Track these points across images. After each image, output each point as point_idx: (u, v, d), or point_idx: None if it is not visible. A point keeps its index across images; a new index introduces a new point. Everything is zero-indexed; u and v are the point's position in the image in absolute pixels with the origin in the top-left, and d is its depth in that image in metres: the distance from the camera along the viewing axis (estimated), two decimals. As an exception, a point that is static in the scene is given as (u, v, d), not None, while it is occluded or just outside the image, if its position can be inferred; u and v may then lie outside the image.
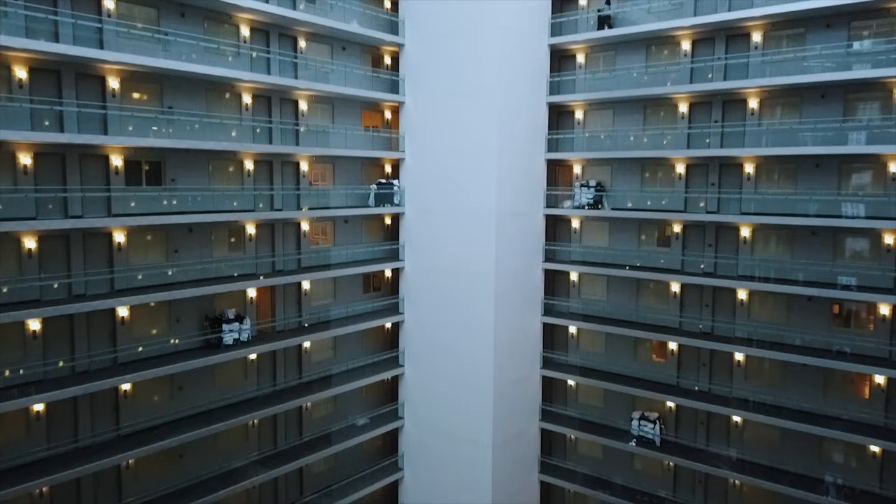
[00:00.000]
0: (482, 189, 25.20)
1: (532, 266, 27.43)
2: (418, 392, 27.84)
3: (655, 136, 25.73)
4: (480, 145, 25.15)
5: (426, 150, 26.97)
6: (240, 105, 23.10)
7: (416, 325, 27.82)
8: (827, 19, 21.85)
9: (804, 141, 22.38)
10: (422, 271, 27.48)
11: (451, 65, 25.80)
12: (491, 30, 24.70)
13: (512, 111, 25.57)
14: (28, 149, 17.88)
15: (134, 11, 20.06)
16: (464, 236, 25.77)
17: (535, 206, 27.38)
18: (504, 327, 25.70)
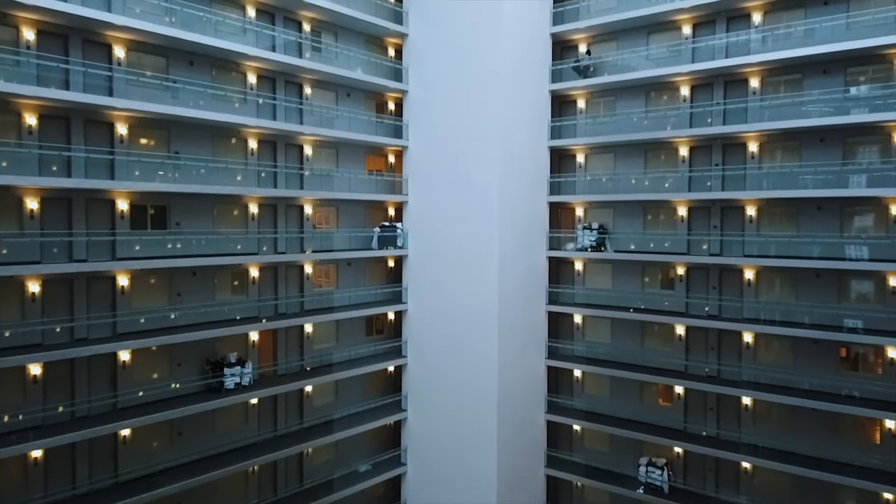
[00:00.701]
0: (485, 232, 25.30)
1: (535, 309, 27.32)
2: (421, 437, 27.41)
3: (657, 179, 25.92)
4: (483, 189, 25.36)
5: (429, 193, 27.20)
6: (245, 150, 23.42)
7: (419, 368, 27.58)
8: (823, 65, 22.22)
9: (805, 184, 22.51)
10: (425, 314, 27.38)
11: (453, 111, 26.22)
12: (493, 77, 25.15)
13: (514, 155, 25.85)
14: (35, 193, 18.09)
15: (144, 60, 20.53)
16: (467, 279, 25.76)
17: (537, 248, 27.43)
18: (508, 371, 25.46)
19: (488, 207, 25.24)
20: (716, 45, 24.19)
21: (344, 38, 26.34)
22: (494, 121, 25.15)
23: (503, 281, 25.24)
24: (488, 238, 25.21)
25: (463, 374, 25.84)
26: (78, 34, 18.82)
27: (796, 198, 22.55)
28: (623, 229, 26.76)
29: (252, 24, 23.05)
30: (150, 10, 20.25)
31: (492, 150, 25.19)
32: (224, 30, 22.18)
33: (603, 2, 26.82)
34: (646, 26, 25.80)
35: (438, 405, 26.74)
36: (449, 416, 26.32)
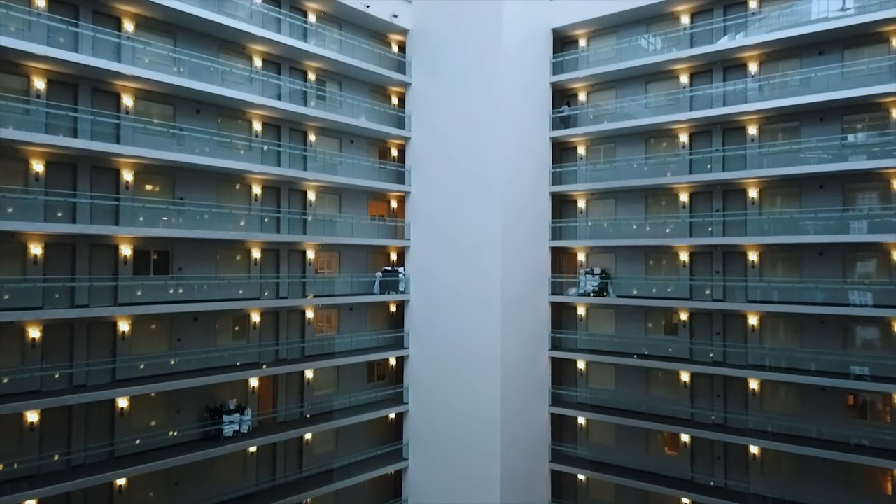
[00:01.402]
0: (487, 277, 25.29)
1: (538, 355, 27.09)
2: (422, 489, 26.82)
3: (658, 224, 26.03)
4: (485, 235, 25.46)
5: (431, 238, 27.30)
6: (250, 195, 23.63)
7: (420, 415, 27.20)
8: (820, 113, 22.56)
9: (806, 230, 22.58)
10: (427, 360, 27.16)
11: (455, 157, 26.53)
12: (494, 125, 25.53)
13: (515, 201, 26.03)
14: (39, 239, 18.18)
15: (151, 108, 20.90)
16: (469, 324, 25.63)
17: (540, 293, 27.36)
18: (510, 419, 25.09)
19: (490, 253, 25.29)
20: (713, 94, 24.62)
21: (348, 87, 26.87)
22: (496, 167, 25.43)
23: (506, 327, 25.10)
24: (491, 283, 25.18)
25: (465, 422, 25.45)
26: (88, 83, 19.21)
27: (798, 243, 22.58)
28: (625, 274, 26.75)
29: (258, 73, 23.55)
30: (160, 60, 20.72)
31: (493, 195, 25.39)
32: (231, 79, 22.66)
33: (602, 52, 27.44)
34: (644, 76, 26.31)
35: (440, 454, 26.27)
36: (451, 466, 25.82)
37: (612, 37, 27.32)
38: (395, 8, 27.47)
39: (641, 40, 26.52)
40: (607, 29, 27.36)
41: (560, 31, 28.02)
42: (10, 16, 17.48)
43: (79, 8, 18.99)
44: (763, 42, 22.97)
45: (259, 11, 23.35)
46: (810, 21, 22.52)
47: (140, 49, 20.26)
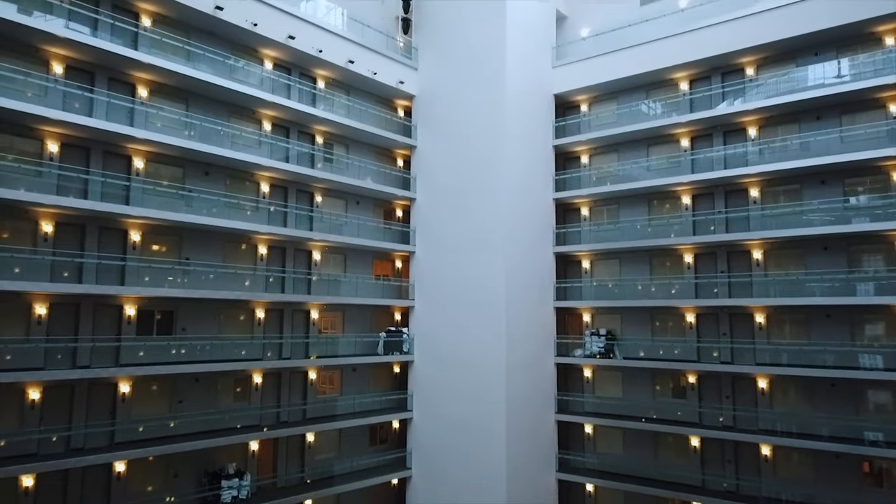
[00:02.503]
0: (492, 338, 25.10)
1: (544, 419, 26.58)
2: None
3: (663, 285, 25.97)
4: (489, 296, 25.40)
5: (436, 298, 27.25)
6: (255, 255, 23.76)
7: (423, 482, 26.49)
8: (821, 176, 22.79)
9: (812, 291, 22.47)
10: (430, 424, 26.65)
11: (459, 219, 26.75)
12: (498, 187, 25.84)
13: (519, 261, 26.09)
14: (44, 299, 18.22)
15: (161, 170, 21.29)
16: (474, 387, 25.26)
17: (545, 354, 27.07)
18: (517, 485, 24.40)
19: (495, 314, 25.17)
20: (714, 157, 24.97)
21: (355, 150, 27.39)
22: (499, 229, 25.60)
23: (511, 390, 24.73)
24: (495, 345, 24.97)
25: (469, 491, 24.75)
26: (100, 146, 19.65)
27: (804, 305, 22.43)
28: (631, 335, 26.51)
29: (268, 136, 24.07)
30: (171, 123, 21.24)
31: (497, 257, 25.46)
32: (240, 142, 23.14)
33: (603, 116, 28.02)
34: (645, 139, 26.78)
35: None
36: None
37: (613, 102, 27.95)
38: (402, 74, 28.26)
39: (642, 105, 27.11)
40: (608, 94, 28.02)
41: (562, 96, 28.70)
42: (28, 82, 18.05)
43: (95, 75, 19.61)
44: (761, 107, 23.45)
45: (269, 78, 24.06)
46: (807, 87, 23.05)
47: (153, 113, 20.79)
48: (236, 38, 22.82)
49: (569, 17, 30.01)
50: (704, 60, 24.79)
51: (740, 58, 24.35)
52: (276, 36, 23.22)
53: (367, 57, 26.62)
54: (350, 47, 25.99)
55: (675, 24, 25.78)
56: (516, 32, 26.74)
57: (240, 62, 23.13)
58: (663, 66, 25.56)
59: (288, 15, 23.67)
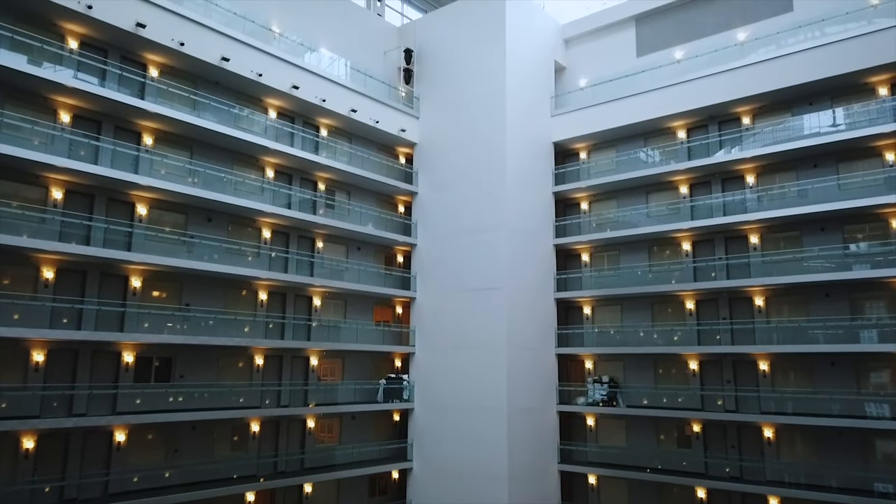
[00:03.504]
0: (493, 386, 24.82)
1: (547, 467, 26.06)
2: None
3: (665, 331, 25.81)
4: (490, 342, 25.24)
5: (436, 345, 27.06)
6: (255, 301, 23.69)
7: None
8: (820, 223, 22.89)
9: (815, 338, 22.31)
10: (430, 474, 26.12)
11: (460, 265, 26.77)
12: (499, 234, 25.96)
13: (521, 308, 25.98)
14: (43, 346, 18.10)
15: (164, 216, 21.42)
16: (475, 436, 24.85)
17: (547, 403, 26.72)
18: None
19: (496, 361, 24.95)
20: (713, 204, 25.13)
21: (357, 196, 27.61)
22: (501, 275, 25.60)
23: (513, 439, 24.32)
24: (497, 393, 24.67)
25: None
26: (104, 193, 19.83)
27: (808, 353, 22.23)
28: (634, 383, 26.20)
29: (270, 183, 24.29)
30: (175, 171, 21.47)
31: (498, 303, 25.38)
32: (243, 188, 23.35)
33: (602, 164, 28.33)
34: (644, 186, 27.00)
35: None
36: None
37: (612, 149, 28.31)
38: (403, 123, 28.72)
39: (640, 153, 27.45)
40: (607, 142, 28.41)
41: (561, 143, 29.09)
42: (35, 130, 18.32)
43: (102, 123, 19.93)
44: (758, 155, 23.73)
45: (273, 126, 24.43)
46: (803, 136, 23.35)
47: (157, 161, 21.04)
48: (241, 87, 23.27)
49: (567, 68, 30.63)
50: (700, 110, 25.21)
51: (736, 107, 24.76)
52: (281, 86, 23.68)
53: (369, 106, 27.10)
54: (353, 97, 26.48)
55: (670, 74, 26.30)
56: (516, 82, 27.27)
57: (244, 111, 23.53)
58: (660, 115, 25.98)
59: (292, 66, 24.19)
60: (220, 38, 21.93)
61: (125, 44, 20.17)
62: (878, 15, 22.18)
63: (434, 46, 29.52)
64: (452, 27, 29.15)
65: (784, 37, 24.18)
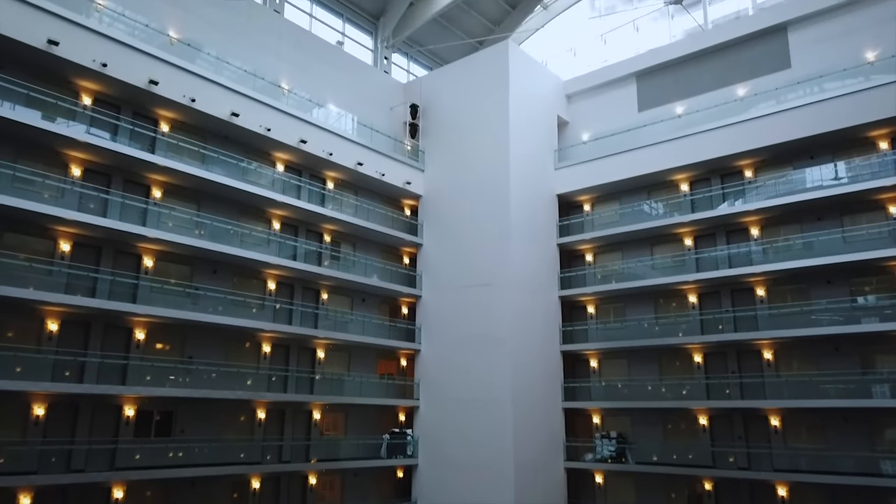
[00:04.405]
0: (498, 441, 24.34)
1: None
2: None
3: (673, 385, 25.43)
4: (495, 395, 24.88)
5: (441, 398, 26.68)
6: (258, 354, 23.51)
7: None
8: (826, 276, 22.78)
9: (826, 393, 21.93)
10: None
11: (465, 316, 26.63)
12: (504, 286, 25.92)
13: (527, 360, 25.71)
14: (43, 399, 17.90)
15: (170, 268, 21.47)
16: (481, 493, 24.21)
17: (554, 459, 26.13)
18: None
19: (502, 416, 24.54)
20: (718, 256, 25.10)
21: (362, 247, 27.72)
22: (506, 328, 25.43)
23: (519, 496, 23.68)
24: (502, 448, 24.18)
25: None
26: (111, 245, 19.96)
27: (820, 408, 21.81)
28: (643, 438, 25.66)
29: (276, 235, 24.44)
30: (182, 223, 21.64)
31: (504, 356, 25.14)
32: (249, 240, 23.46)
33: (606, 216, 28.47)
34: (648, 238, 27.05)
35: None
36: None
37: (616, 202, 28.50)
38: (409, 176, 29.06)
39: (644, 205, 27.61)
40: (610, 195, 28.63)
41: (565, 196, 29.32)
42: (46, 184, 18.57)
43: (111, 176, 20.23)
44: (761, 208, 23.84)
45: (281, 179, 24.74)
46: (805, 189, 23.50)
47: (165, 213, 21.24)
48: (250, 141, 23.66)
49: (570, 123, 31.13)
50: (702, 163, 25.47)
51: (737, 161, 25.01)
52: (289, 140, 24.09)
53: (375, 159, 27.49)
54: (359, 150, 26.90)
55: (672, 128, 26.71)
56: (519, 137, 27.70)
57: (252, 164, 23.87)
58: (662, 169, 26.24)
59: (301, 121, 24.67)
60: (230, 94, 22.44)
61: (138, 100, 20.64)
62: (875, 71, 22.63)
63: (439, 102, 30.13)
64: (457, 83, 29.80)
65: (783, 92, 24.63)
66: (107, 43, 19.31)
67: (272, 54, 25.57)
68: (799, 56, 24.82)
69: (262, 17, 26.11)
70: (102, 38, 19.26)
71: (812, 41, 24.63)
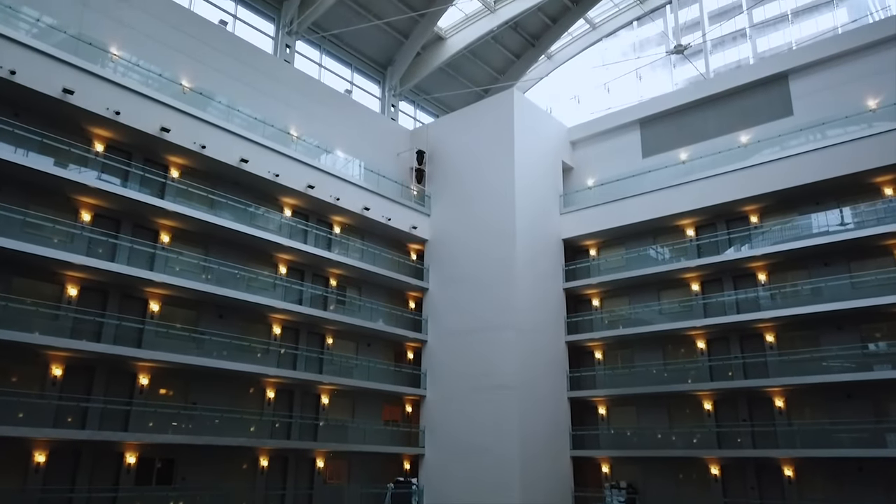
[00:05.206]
0: (506, 491, 23.78)
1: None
2: None
3: (683, 433, 24.95)
4: (502, 444, 24.44)
5: (447, 446, 26.22)
6: (262, 399, 23.27)
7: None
8: (836, 322, 22.55)
9: (840, 442, 21.46)
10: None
11: (471, 362, 26.37)
12: (510, 331, 25.74)
13: (533, 407, 25.36)
14: (45, 446, 17.68)
15: (175, 312, 21.47)
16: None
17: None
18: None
19: (509, 466, 24.05)
20: (726, 301, 24.94)
21: (368, 292, 27.69)
22: (512, 372, 25.16)
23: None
24: (511, 500, 23.58)
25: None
26: (118, 289, 20.02)
27: (834, 457, 21.32)
28: (654, 489, 25.03)
29: (282, 279, 24.47)
30: (190, 268, 21.72)
31: (510, 403, 24.80)
32: (256, 285, 23.48)
33: (612, 261, 28.43)
34: (655, 283, 26.94)
35: None
36: None
37: (622, 246, 28.50)
38: (415, 220, 29.23)
39: (650, 250, 27.60)
40: (616, 239, 28.65)
41: (571, 241, 29.36)
42: (56, 229, 18.74)
43: (121, 221, 20.43)
44: (768, 254, 23.80)
45: (288, 224, 24.91)
46: (812, 234, 23.49)
47: (173, 258, 21.34)
48: (259, 187, 23.91)
49: (575, 168, 31.40)
50: (707, 209, 25.56)
51: (742, 206, 25.09)
52: (297, 185, 24.35)
53: (381, 204, 27.70)
54: (366, 195, 27.14)
55: (676, 174, 26.90)
56: (525, 182, 27.93)
57: (260, 209, 24.07)
58: (667, 214, 26.32)
59: (308, 166, 24.99)
60: (239, 140, 22.81)
61: (149, 146, 20.97)
62: (877, 119, 22.88)
63: (445, 148, 30.51)
64: (463, 130, 30.22)
65: (786, 139, 24.87)
66: (121, 91, 19.76)
67: (282, 102, 26.08)
68: (801, 103, 25.14)
69: (272, 67, 26.74)
70: (116, 86, 19.72)
71: (813, 89, 24.98)
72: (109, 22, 21.23)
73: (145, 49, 21.92)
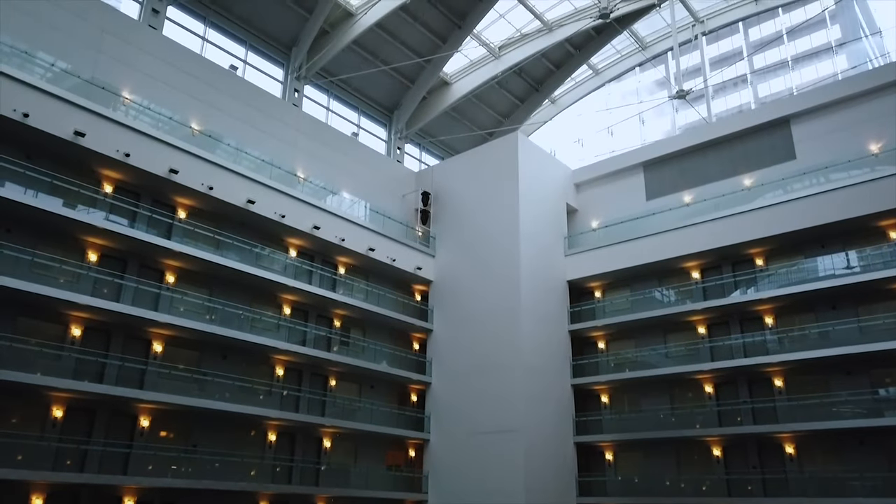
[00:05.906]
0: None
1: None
2: None
3: (692, 480, 24.42)
4: (506, 488, 23.90)
5: (451, 493, 25.63)
6: (264, 442, 22.95)
7: None
8: (845, 366, 22.29)
9: (854, 490, 20.96)
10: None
11: (476, 405, 26.03)
12: (515, 373, 25.45)
13: (539, 452, 24.86)
14: (43, 489, 17.40)
15: (178, 353, 21.35)
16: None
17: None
18: None
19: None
20: (733, 345, 24.70)
21: (372, 333, 27.54)
22: (517, 415, 24.79)
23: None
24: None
25: None
26: (122, 330, 19.97)
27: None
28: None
29: (286, 320, 24.39)
30: (194, 308, 21.69)
31: (515, 447, 24.35)
32: (259, 325, 23.40)
33: (617, 303, 28.28)
34: (661, 325, 26.73)
35: None
36: None
37: (627, 289, 28.39)
38: (420, 261, 29.27)
39: (655, 293, 27.48)
40: (621, 282, 28.56)
41: (575, 282, 29.29)
42: (62, 269, 18.81)
43: (127, 262, 20.51)
44: (774, 297, 23.67)
45: (293, 265, 24.96)
46: (818, 278, 23.38)
47: (177, 298, 21.34)
48: (264, 227, 24.05)
49: (579, 210, 31.52)
50: (712, 251, 25.53)
51: (747, 249, 25.07)
52: (303, 226, 24.50)
53: (386, 245, 27.78)
54: (371, 236, 27.25)
55: (680, 217, 26.96)
56: (529, 224, 28.02)
57: (265, 250, 24.15)
58: (672, 256, 26.29)
59: (314, 208, 25.18)
60: (247, 182, 23.04)
61: (157, 187, 21.20)
62: (879, 163, 23.03)
63: (450, 189, 30.73)
64: (468, 172, 30.49)
65: (789, 182, 24.98)
66: (131, 134, 20.08)
67: (289, 144, 26.45)
68: (803, 147, 25.33)
69: (281, 111, 27.19)
70: (127, 129, 20.05)
71: (816, 133, 25.21)
72: (122, 67, 21.73)
73: (157, 93, 22.37)
